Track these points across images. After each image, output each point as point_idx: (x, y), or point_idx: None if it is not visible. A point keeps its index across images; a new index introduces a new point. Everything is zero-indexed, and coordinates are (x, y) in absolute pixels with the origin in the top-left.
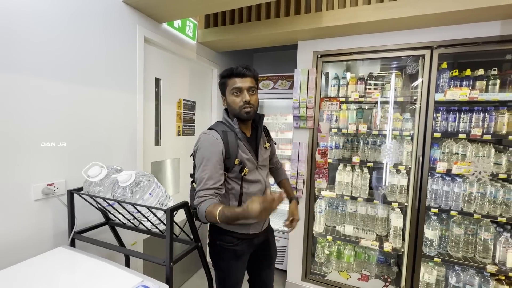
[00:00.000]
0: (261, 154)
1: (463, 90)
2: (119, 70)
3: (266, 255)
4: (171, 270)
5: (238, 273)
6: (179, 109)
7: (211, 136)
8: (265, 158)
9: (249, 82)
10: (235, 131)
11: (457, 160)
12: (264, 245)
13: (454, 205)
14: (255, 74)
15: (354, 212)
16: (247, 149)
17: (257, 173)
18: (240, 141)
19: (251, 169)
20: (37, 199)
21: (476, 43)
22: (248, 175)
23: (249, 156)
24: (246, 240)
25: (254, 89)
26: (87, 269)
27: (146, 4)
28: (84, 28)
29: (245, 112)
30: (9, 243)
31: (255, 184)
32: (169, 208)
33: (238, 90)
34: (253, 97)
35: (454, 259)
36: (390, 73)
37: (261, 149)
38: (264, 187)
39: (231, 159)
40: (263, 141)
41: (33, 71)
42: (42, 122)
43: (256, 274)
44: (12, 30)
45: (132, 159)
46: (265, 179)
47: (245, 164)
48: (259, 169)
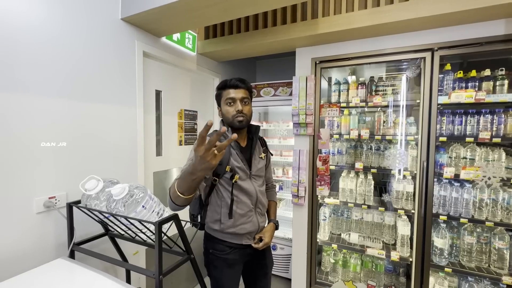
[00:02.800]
0: (255, 164)
1: (468, 92)
2: (119, 84)
3: (261, 265)
4: (161, 282)
5: (231, 282)
6: (180, 119)
7: None
8: (260, 168)
9: (242, 93)
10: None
11: (465, 165)
12: (258, 255)
13: (464, 212)
14: (248, 86)
15: (360, 219)
16: (240, 158)
17: (249, 182)
18: (232, 150)
19: (243, 178)
20: (39, 212)
21: (480, 43)
22: (239, 182)
23: (241, 165)
24: (238, 249)
25: (247, 100)
26: (83, 281)
27: (144, 20)
28: (84, 46)
29: (237, 121)
30: (12, 254)
31: (246, 193)
32: (157, 221)
33: (231, 100)
34: (246, 107)
35: (467, 269)
36: (392, 77)
37: (255, 159)
38: (256, 198)
39: (222, 165)
40: (259, 151)
41: (34, 89)
42: (44, 137)
43: (252, 283)
44: (15, 50)
45: (133, 170)
46: (258, 189)
47: (236, 172)
48: (253, 179)
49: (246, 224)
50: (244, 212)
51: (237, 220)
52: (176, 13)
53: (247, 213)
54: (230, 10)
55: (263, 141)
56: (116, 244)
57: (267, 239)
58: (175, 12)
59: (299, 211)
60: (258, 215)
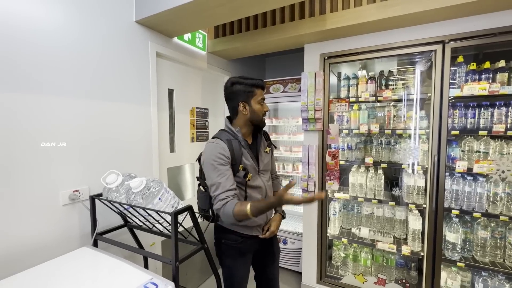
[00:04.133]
0: (262, 160)
1: (481, 84)
2: (134, 84)
3: (269, 252)
4: (177, 269)
5: (243, 270)
6: (192, 117)
7: (217, 145)
8: (266, 163)
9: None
10: (238, 139)
11: (479, 159)
12: (266, 244)
13: (477, 206)
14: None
15: (370, 214)
16: (250, 156)
17: (258, 179)
18: (243, 149)
19: (253, 174)
20: (64, 204)
21: (493, 34)
22: (250, 181)
23: (251, 163)
24: (249, 239)
25: None
26: (106, 266)
27: (157, 22)
28: (101, 49)
29: (264, 120)
30: (41, 243)
31: (257, 189)
32: (173, 211)
33: (262, 100)
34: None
35: (480, 264)
36: (403, 71)
37: (261, 155)
38: (265, 192)
39: (236, 165)
40: (264, 146)
41: (57, 91)
42: (69, 137)
43: (261, 270)
44: (39, 53)
45: (149, 166)
46: (267, 183)
47: (248, 170)
48: (261, 174)
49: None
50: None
51: None
52: (187, 14)
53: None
54: (239, 9)
55: (266, 135)
56: (134, 235)
57: (273, 228)
58: (187, 13)
59: (309, 205)
60: None
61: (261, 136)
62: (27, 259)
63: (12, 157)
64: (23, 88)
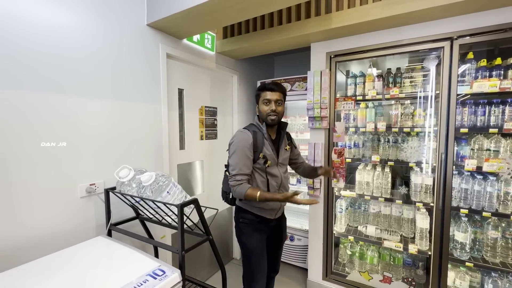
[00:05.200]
0: (281, 154)
1: (492, 81)
2: (146, 85)
3: (278, 237)
4: (183, 258)
5: (260, 245)
6: (201, 115)
7: (244, 133)
8: (285, 158)
9: (277, 96)
10: (262, 132)
11: (488, 157)
12: (277, 230)
13: (487, 205)
14: (283, 90)
15: (377, 212)
16: (270, 148)
17: (276, 169)
18: (266, 140)
19: (272, 164)
20: (82, 196)
21: (503, 30)
22: (269, 169)
23: (271, 153)
24: (263, 221)
25: (281, 102)
26: (119, 254)
27: (167, 25)
28: (116, 52)
29: (270, 119)
30: (61, 232)
31: (275, 177)
32: (179, 204)
33: (267, 101)
34: (279, 108)
35: (490, 264)
36: (411, 68)
37: (282, 150)
38: (281, 181)
39: (257, 152)
40: (285, 143)
41: (77, 92)
42: (86, 134)
43: (269, 252)
44: (62, 58)
45: (159, 162)
46: (283, 174)
47: (267, 159)
48: (279, 166)
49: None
50: (273, 191)
51: None
52: (195, 17)
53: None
54: (246, 10)
55: (288, 135)
56: (145, 227)
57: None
58: (195, 16)
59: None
60: None
61: (283, 134)
62: (48, 246)
63: (34, 153)
64: (48, 90)
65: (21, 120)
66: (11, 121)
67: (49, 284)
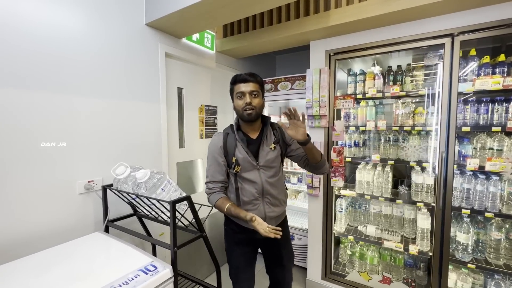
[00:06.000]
0: (263, 155)
1: (495, 78)
2: (144, 83)
3: (275, 255)
4: (175, 254)
5: (237, 259)
6: (201, 114)
7: (215, 137)
8: (268, 160)
9: (252, 87)
10: (234, 133)
11: (491, 156)
12: (270, 244)
13: (490, 206)
14: (258, 80)
15: (378, 212)
16: (244, 150)
17: (255, 173)
18: (238, 142)
19: (247, 168)
20: (80, 193)
21: (506, 25)
22: (243, 174)
23: (244, 156)
24: (244, 232)
25: (257, 93)
26: (114, 249)
27: (165, 24)
28: (114, 51)
29: (246, 113)
30: (60, 227)
31: (251, 183)
32: (171, 200)
33: (241, 94)
34: (255, 100)
35: (493, 266)
36: (413, 66)
37: (263, 151)
38: (262, 187)
39: (229, 156)
40: (268, 142)
41: (76, 91)
42: (87, 132)
43: (269, 269)
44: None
45: (158, 160)
46: (266, 179)
47: (239, 163)
48: (261, 169)
49: (252, 211)
50: (249, 199)
51: (243, 206)
52: (192, 16)
53: (252, 201)
54: (241, 9)
55: (280, 131)
56: (143, 224)
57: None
58: (192, 15)
59: (314, 202)
60: (267, 204)
61: (266, 132)
62: (47, 241)
63: (34, 150)
64: (48, 89)
65: (21, 118)
66: (11, 119)
67: (43, 278)
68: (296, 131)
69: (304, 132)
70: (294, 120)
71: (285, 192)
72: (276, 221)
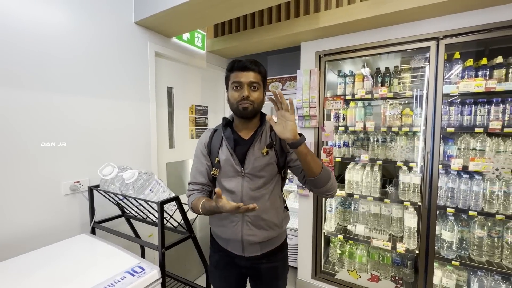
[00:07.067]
0: (250, 160)
1: (478, 81)
2: (133, 83)
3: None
4: (163, 255)
5: (215, 280)
6: (191, 114)
7: (206, 132)
8: (256, 167)
9: (252, 77)
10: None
11: (474, 156)
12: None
13: (473, 204)
14: (261, 69)
15: (367, 211)
16: (229, 151)
17: (237, 181)
18: (224, 141)
19: (229, 174)
20: (66, 194)
21: (488, 30)
22: (222, 179)
23: (228, 158)
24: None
25: (257, 85)
26: (100, 251)
27: (154, 23)
28: (102, 49)
29: (242, 107)
30: (45, 229)
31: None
32: (159, 201)
33: (238, 84)
34: (254, 93)
35: (476, 263)
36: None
37: (251, 155)
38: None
39: (212, 156)
40: (260, 146)
41: (62, 89)
42: (71, 132)
43: None
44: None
45: (147, 160)
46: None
47: (220, 165)
48: (245, 177)
49: (225, 228)
50: (225, 214)
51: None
52: (182, 15)
53: (229, 217)
54: (231, 9)
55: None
56: (131, 226)
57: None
58: (181, 14)
59: (304, 201)
60: (246, 224)
61: (260, 133)
62: (31, 243)
63: (17, 150)
64: (34, 88)
65: (3, 118)
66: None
67: (27, 281)
68: (284, 126)
69: (293, 128)
70: (282, 111)
71: (280, 213)
72: (261, 248)
